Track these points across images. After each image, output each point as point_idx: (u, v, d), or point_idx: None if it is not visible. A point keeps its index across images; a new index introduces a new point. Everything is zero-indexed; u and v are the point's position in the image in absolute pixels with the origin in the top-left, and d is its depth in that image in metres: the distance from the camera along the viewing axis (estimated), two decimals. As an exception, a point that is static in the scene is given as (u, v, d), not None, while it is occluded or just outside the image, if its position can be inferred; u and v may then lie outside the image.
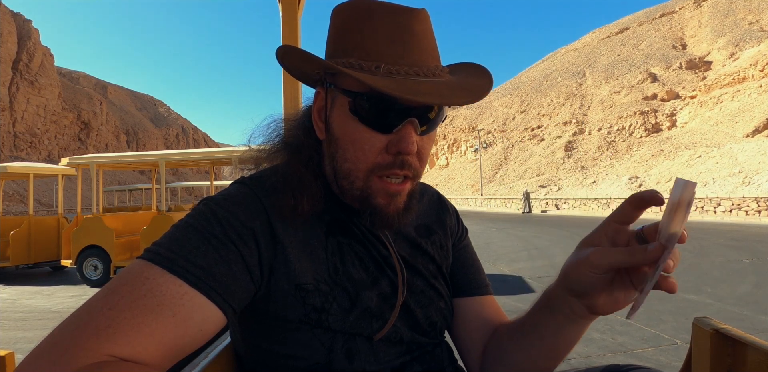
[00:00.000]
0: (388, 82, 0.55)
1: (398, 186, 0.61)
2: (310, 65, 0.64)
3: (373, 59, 0.57)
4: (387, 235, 0.69)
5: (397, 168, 0.59)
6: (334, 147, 0.63)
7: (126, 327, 0.45)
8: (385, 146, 0.59)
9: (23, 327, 4.77)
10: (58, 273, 8.90)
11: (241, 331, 0.65)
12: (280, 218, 0.60)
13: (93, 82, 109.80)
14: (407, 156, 0.59)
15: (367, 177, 0.60)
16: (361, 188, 0.61)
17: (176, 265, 0.50)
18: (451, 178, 62.76)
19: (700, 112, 48.50)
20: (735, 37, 59.61)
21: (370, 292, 0.63)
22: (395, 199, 0.62)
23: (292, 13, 1.50)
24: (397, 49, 0.57)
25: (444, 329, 0.72)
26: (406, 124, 0.58)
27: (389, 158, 0.59)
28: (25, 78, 70.11)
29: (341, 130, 0.61)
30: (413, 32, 0.58)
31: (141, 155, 8.42)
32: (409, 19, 0.58)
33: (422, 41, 0.59)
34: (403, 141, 0.58)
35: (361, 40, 0.59)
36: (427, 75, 0.58)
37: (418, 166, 0.62)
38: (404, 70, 0.57)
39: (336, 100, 0.61)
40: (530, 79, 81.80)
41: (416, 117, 0.58)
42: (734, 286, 5.50)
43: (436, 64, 0.60)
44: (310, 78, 0.67)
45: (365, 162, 0.60)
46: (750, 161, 25.47)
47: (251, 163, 0.71)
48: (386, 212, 0.62)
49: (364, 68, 0.57)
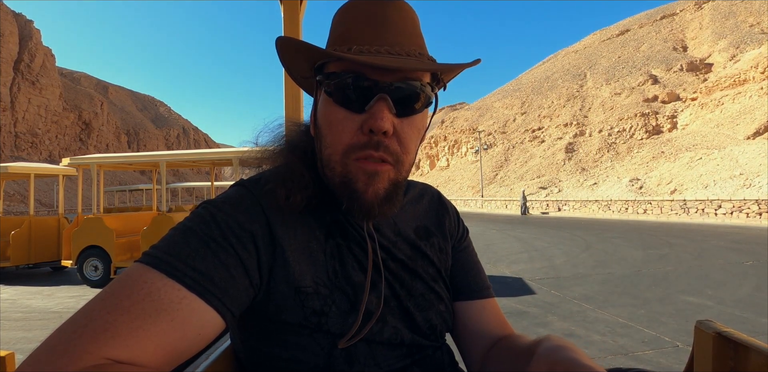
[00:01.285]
0: (357, 57, 0.56)
1: (375, 165, 0.59)
2: (300, 57, 0.64)
3: (347, 44, 0.59)
4: (374, 235, 0.67)
5: (371, 149, 0.58)
6: (319, 136, 0.63)
7: (124, 331, 0.45)
8: (359, 126, 0.59)
9: (23, 327, 4.76)
10: (58, 273, 8.89)
11: (241, 334, 0.64)
12: (280, 220, 0.60)
13: (94, 82, 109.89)
14: (383, 137, 0.58)
15: (344, 160, 0.60)
16: (341, 174, 0.60)
17: (175, 269, 0.50)
18: (452, 180, 62.71)
19: (701, 114, 48.46)
20: (736, 40, 59.59)
21: (370, 294, 0.62)
22: (374, 182, 0.59)
23: (294, 13, 1.50)
24: (369, 32, 0.59)
25: (444, 332, 0.71)
26: (377, 100, 0.58)
27: (364, 138, 0.58)
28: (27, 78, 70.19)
29: (322, 116, 0.62)
30: (387, 18, 0.60)
31: (142, 156, 8.42)
32: (384, 7, 0.60)
33: (398, 27, 0.60)
34: (373, 117, 0.57)
35: (342, 31, 0.61)
36: (401, 54, 0.58)
37: (399, 151, 0.60)
38: (375, 49, 0.58)
39: (320, 91, 0.63)
40: (531, 81, 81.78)
41: (388, 94, 0.58)
42: (735, 288, 5.49)
43: (415, 48, 0.60)
44: (308, 82, 0.68)
45: (341, 143, 0.60)
46: (751, 163, 25.43)
47: (252, 164, 0.70)
48: (364, 197, 0.59)
49: (338, 51, 0.58)
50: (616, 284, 5.99)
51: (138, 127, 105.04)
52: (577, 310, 4.70)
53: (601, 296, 5.29)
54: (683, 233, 12.68)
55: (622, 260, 8.03)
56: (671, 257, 8.26)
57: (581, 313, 4.54)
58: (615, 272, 6.90)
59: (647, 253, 8.92)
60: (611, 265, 7.60)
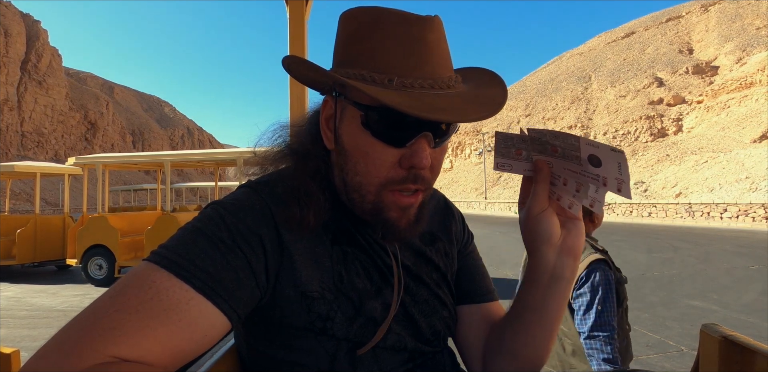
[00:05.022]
0: (402, 97, 0.53)
1: (410, 198, 0.60)
2: (318, 75, 0.63)
3: (384, 72, 0.55)
4: (396, 248, 0.68)
5: (410, 182, 0.58)
6: (344, 159, 0.61)
7: (131, 330, 0.45)
8: (398, 160, 0.57)
9: (28, 325, 4.79)
10: (63, 272, 8.95)
11: (246, 336, 0.64)
12: (287, 226, 0.60)
13: (100, 82, 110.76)
14: (421, 170, 0.58)
15: (379, 191, 0.59)
16: (372, 202, 0.60)
17: (183, 270, 0.50)
18: (455, 182, 62.67)
19: (707, 117, 48.21)
20: (742, 42, 59.29)
21: (374, 301, 0.62)
22: (407, 212, 0.61)
23: (300, 13, 1.51)
24: (410, 61, 0.55)
25: (447, 338, 0.71)
26: (419, 138, 0.56)
27: (402, 173, 0.58)
28: (34, 78, 70.82)
29: (352, 142, 0.60)
30: (426, 42, 0.56)
31: (146, 156, 8.47)
32: (421, 30, 0.55)
33: (435, 51, 0.56)
34: (417, 155, 0.56)
35: (371, 51, 0.56)
36: (442, 87, 0.56)
37: (431, 178, 0.61)
38: (418, 83, 0.55)
39: (346, 111, 0.60)
40: (535, 83, 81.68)
41: (430, 131, 0.56)
42: (740, 293, 5.45)
43: (450, 74, 0.58)
44: (319, 85, 0.66)
45: (377, 176, 0.58)
46: (757, 167, 25.25)
47: (256, 165, 0.70)
48: (398, 225, 0.61)
49: (376, 81, 0.55)
50: (620, 287, 5.96)
51: (143, 127, 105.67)
52: (580, 313, 4.67)
53: (605, 299, 5.27)
54: (688, 237, 12.60)
55: (626, 263, 7.98)
56: (676, 261, 8.21)
57: (585, 317, 4.51)
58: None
59: (652, 256, 8.87)
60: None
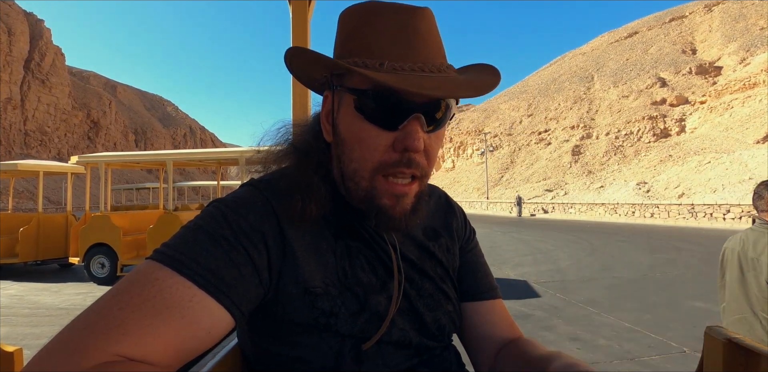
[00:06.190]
0: (392, 77, 0.54)
1: (404, 187, 0.60)
2: (317, 67, 0.63)
3: (376, 57, 0.57)
4: (394, 238, 0.68)
5: (403, 166, 0.58)
6: (341, 148, 0.62)
7: (135, 328, 0.45)
8: (391, 143, 0.58)
9: (31, 323, 4.81)
10: (65, 270, 8.99)
11: (249, 333, 0.64)
12: (290, 221, 0.60)
13: (103, 81, 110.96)
14: (414, 153, 0.58)
15: (372, 176, 0.60)
16: (366, 188, 0.60)
17: (186, 267, 0.50)
18: (457, 181, 62.59)
19: (710, 117, 48.02)
20: (746, 43, 59.01)
21: (379, 295, 0.62)
22: (402, 201, 0.61)
23: (303, 13, 1.51)
24: (402, 47, 0.57)
25: (452, 333, 0.71)
26: (411, 119, 0.57)
27: (396, 156, 0.58)
28: (37, 77, 71.02)
29: (347, 129, 0.61)
30: (417, 30, 0.58)
31: (149, 155, 8.49)
32: (412, 18, 0.58)
33: (426, 39, 0.59)
34: (409, 137, 0.57)
35: (365, 41, 0.59)
36: (432, 71, 0.57)
37: (426, 165, 0.61)
38: (408, 67, 0.56)
39: (342, 100, 0.61)
40: (538, 83, 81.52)
41: (422, 113, 0.57)
42: (743, 294, 5.43)
43: (442, 61, 0.60)
44: (317, 82, 0.67)
45: (371, 160, 0.59)
46: (760, 168, 25.15)
47: (259, 164, 0.70)
48: (392, 214, 0.61)
49: (369, 66, 0.56)
50: (622, 288, 5.95)
51: (145, 127, 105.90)
52: (582, 313, 4.67)
53: (607, 300, 5.26)
54: (691, 238, 12.57)
55: (629, 264, 7.97)
56: (679, 262, 8.18)
57: (587, 317, 4.51)
58: (621, 276, 6.85)
59: (654, 257, 8.85)
60: (617, 268, 7.54)
